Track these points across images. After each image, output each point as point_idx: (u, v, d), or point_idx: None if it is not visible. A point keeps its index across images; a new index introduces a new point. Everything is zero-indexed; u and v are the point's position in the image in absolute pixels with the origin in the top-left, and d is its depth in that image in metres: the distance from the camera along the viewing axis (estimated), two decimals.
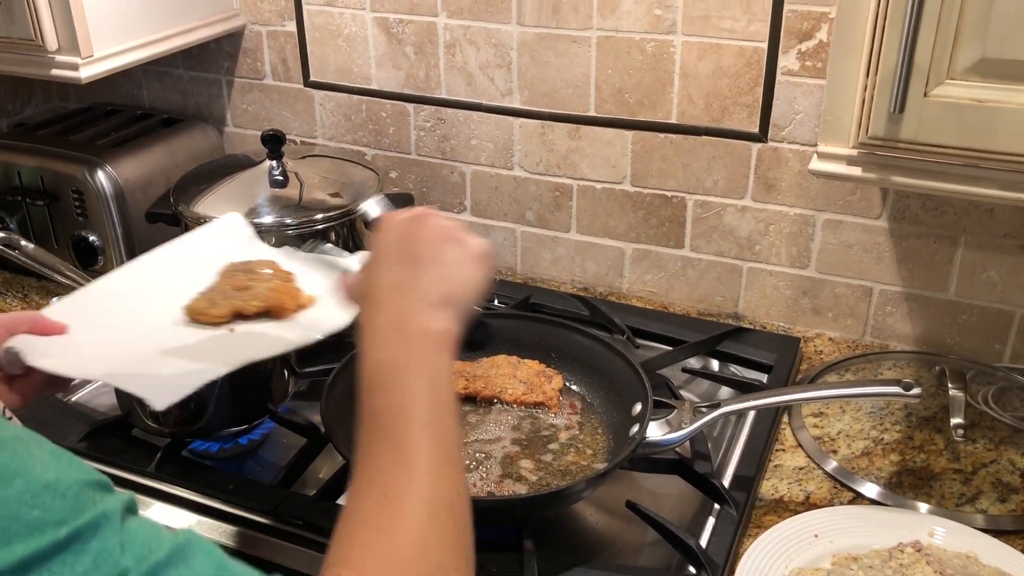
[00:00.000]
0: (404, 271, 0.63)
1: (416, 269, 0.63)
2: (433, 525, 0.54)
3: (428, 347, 0.61)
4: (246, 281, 0.94)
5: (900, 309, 1.27)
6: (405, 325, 0.61)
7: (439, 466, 0.57)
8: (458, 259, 0.65)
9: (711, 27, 1.22)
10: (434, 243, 0.65)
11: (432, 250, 0.65)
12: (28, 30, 1.21)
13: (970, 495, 1.02)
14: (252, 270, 0.97)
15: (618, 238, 1.40)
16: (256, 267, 0.98)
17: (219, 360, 0.83)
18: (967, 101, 0.85)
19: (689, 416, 1.03)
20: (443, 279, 0.63)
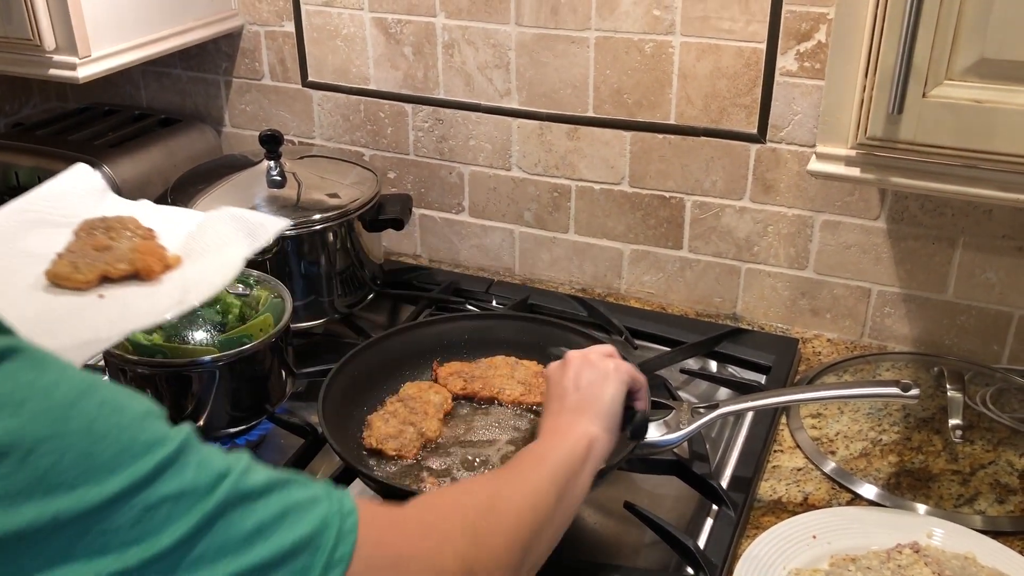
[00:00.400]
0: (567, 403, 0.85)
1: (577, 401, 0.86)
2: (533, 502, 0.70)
3: (575, 438, 0.80)
4: (106, 240, 0.91)
5: (898, 310, 1.27)
6: (564, 425, 0.83)
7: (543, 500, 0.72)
8: (604, 389, 0.86)
9: (710, 28, 1.22)
10: (590, 382, 0.87)
11: (589, 388, 0.86)
12: (26, 30, 1.21)
13: (968, 496, 1.02)
14: (111, 227, 0.94)
15: (616, 239, 1.40)
16: (114, 224, 0.95)
17: (99, 332, 0.79)
18: (966, 102, 0.85)
19: (687, 417, 1.02)
20: (593, 409, 0.84)
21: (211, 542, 0.48)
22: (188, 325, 1.07)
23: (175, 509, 0.48)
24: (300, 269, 1.28)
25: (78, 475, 0.45)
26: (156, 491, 0.48)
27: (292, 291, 1.16)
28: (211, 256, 0.93)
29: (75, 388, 0.48)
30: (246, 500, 0.51)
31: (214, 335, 1.07)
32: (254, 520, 0.50)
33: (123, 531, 0.46)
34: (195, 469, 0.50)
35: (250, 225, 0.96)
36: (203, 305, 1.08)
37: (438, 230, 1.53)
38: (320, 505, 0.54)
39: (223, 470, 0.51)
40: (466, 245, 1.52)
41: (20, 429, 0.45)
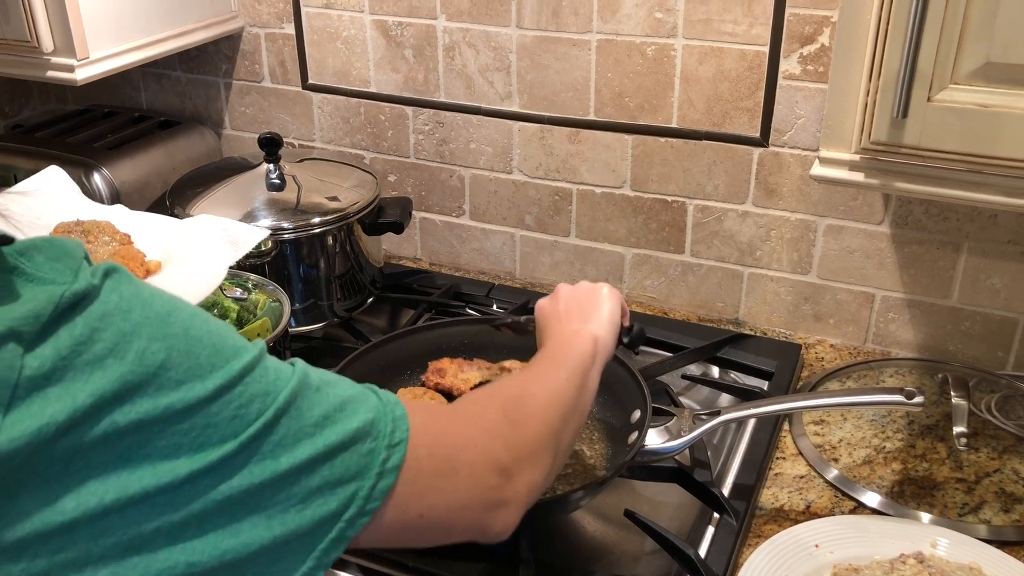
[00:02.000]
0: (570, 318, 0.91)
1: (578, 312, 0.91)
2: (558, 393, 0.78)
3: (582, 339, 0.86)
4: (84, 246, 0.91)
5: (902, 316, 1.26)
6: (569, 332, 0.88)
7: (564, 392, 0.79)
8: (601, 304, 0.92)
9: (712, 31, 1.21)
10: (588, 299, 0.93)
11: (588, 303, 0.92)
12: (23, 31, 1.20)
13: (973, 505, 1.00)
14: (88, 231, 0.93)
15: (618, 243, 1.39)
16: (91, 228, 0.94)
17: None
18: (971, 106, 0.84)
19: (689, 423, 1.01)
20: (594, 318, 0.90)
21: (288, 427, 0.55)
22: None
23: (262, 404, 0.54)
24: (299, 272, 1.28)
25: (183, 372, 0.51)
26: (247, 389, 0.54)
27: (291, 295, 1.15)
28: (194, 263, 0.92)
29: (168, 301, 0.54)
30: (310, 392, 0.57)
31: None
32: (320, 409, 0.57)
33: (223, 425, 0.52)
34: (273, 372, 0.56)
35: (231, 233, 0.95)
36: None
37: (438, 233, 1.52)
38: (370, 397, 0.61)
39: (292, 371, 0.58)
40: (467, 249, 1.51)
41: (133, 331, 0.50)
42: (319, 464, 0.55)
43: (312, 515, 0.55)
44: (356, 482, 0.57)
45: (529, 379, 0.79)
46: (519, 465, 0.68)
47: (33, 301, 0.48)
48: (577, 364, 0.82)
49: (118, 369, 0.49)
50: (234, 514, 0.52)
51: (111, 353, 0.49)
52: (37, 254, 0.51)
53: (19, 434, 0.46)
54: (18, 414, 0.46)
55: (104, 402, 0.48)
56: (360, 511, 0.57)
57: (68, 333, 0.49)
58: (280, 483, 0.54)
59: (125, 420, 0.49)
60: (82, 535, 0.48)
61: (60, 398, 0.47)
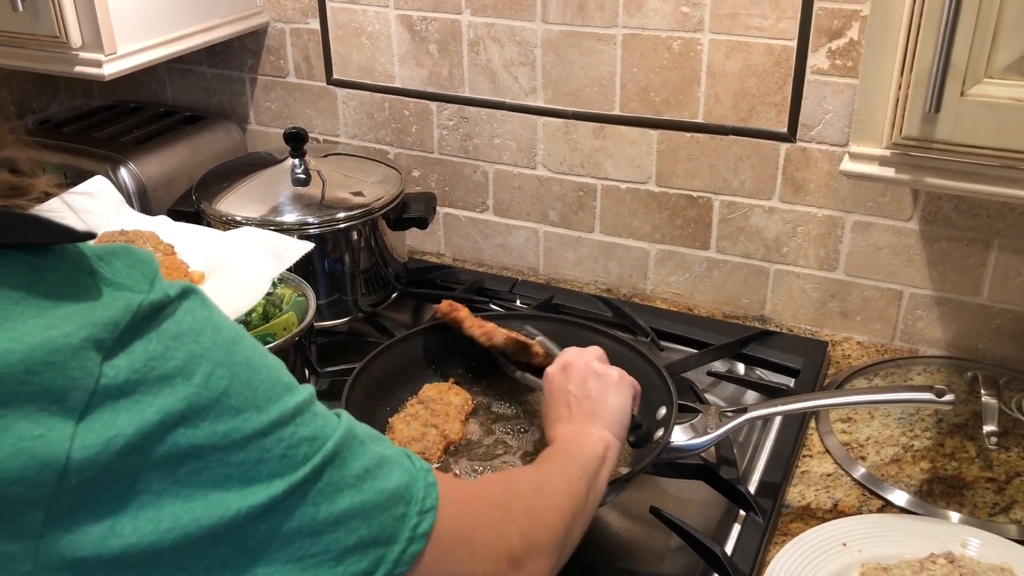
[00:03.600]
0: (580, 406, 0.91)
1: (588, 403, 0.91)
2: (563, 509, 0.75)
3: (593, 442, 0.86)
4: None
5: (931, 313, 1.25)
6: (583, 433, 0.88)
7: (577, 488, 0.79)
8: (612, 399, 0.91)
9: (739, 25, 1.20)
10: (600, 391, 0.92)
11: (599, 397, 0.91)
12: (52, 27, 1.21)
13: (1004, 505, 0.99)
14: (131, 241, 0.93)
15: (642, 239, 1.38)
16: (134, 238, 0.94)
17: None
18: (1006, 100, 0.83)
19: (715, 421, 1.01)
20: (604, 418, 0.90)
21: (332, 476, 0.54)
22: None
23: (310, 448, 0.53)
24: (324, 267, 1.28)
25: (243, 400, 0.51)
26: (298, 430, 0.53)
27: (316, 290, 1.15)
28: (237, 275, 0.92)
29: (235, 328, 0.55)
30: (355, 444, 0.57)
31: None
32: (362, 462, 0.56)
33: (272, 462, 0.52)
34: (323, 417, 0.56)
35: (275, 247, 0.95)
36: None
37: (462, 229, 1.52)
38: (404, 460, 0.60)
39: (338, 420, 0.57)
40: (490, 244, 1.51)
41: (203, 353, 0.51)
42: (356, 520, 0.55)
43: (343, 573, 0.54)
44: (388, 545, 0.56)
45: (547, 470, 0.80)
46: (529, 556, 0.68)
47: (112, 308, 0.49)
48: (588, 463, 0.82)
49: (185, 389, 0.49)
50: (273, 559, 0.52)
51: (180, 372, 0.49)
52: (115, 260, 0.52)
53: (91, 443, 0.46)
54: (91, 423, 0.46)
55: (170, 420, 0.48)
56: (388, 574, 0.56)
57: (143, 347, 0.49)
58: (318, 535, 0.53)
59: (187, 442, 0.49)
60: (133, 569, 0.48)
61: (130, 411, 0.47)
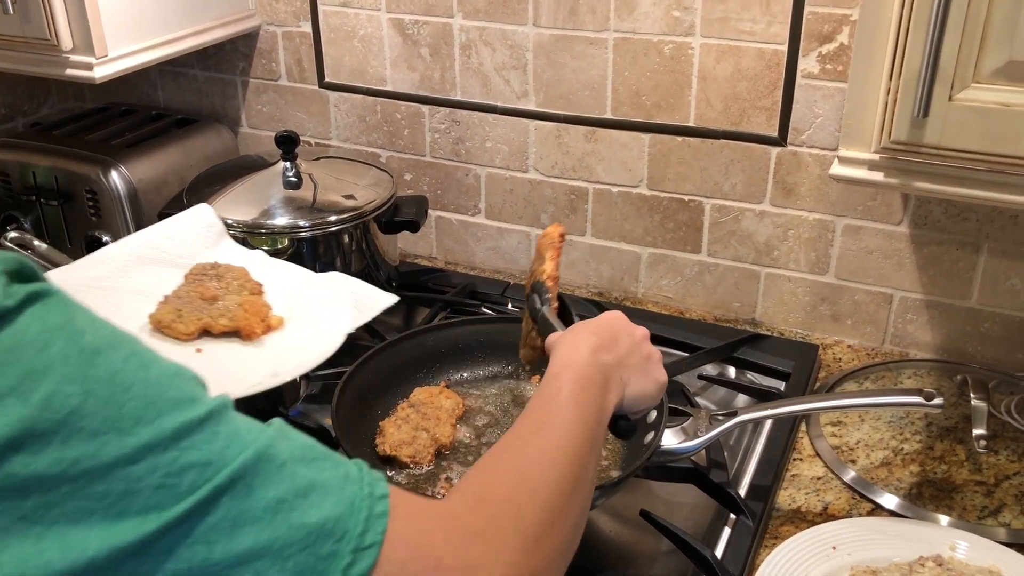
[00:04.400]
0: (598, 352, 0.76)
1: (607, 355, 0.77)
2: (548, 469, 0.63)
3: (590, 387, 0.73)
4: (215, 290, 0.91)
5: (921, 317, 1.25)
6: (588, 371, 0.74)
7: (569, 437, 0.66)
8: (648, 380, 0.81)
9: (730, 29, 1.20)
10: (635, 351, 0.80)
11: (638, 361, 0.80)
12: (43, 30, 1.21)
13: (993, 508, 1.00)
14: (221, 276, 0.94)
15: (634, 242, 1.39)
16: (225, 273, 0.95)
17: None
18: (993, 105, 0.83)
19: (705, 424, 1.01)
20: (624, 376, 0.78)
21: (229, 509, 0.46)
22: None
23: (199, 478, 0.46)
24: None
25: (100, 423, 0.44)
26: (181, 456, 0.46)
27: None
28: (313, 327, 0.91)
29: (104, 338, 0.46)
30: (270, 468, 0.48)
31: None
32: (277, 491, 0.47)
33: (145, 494, 0.44)
34: (225, 439, 0.48)
35: (358, 298, 0.95)
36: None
37: (454, 232, 1.52)
38: (349, 485, 0.51)
39: (254, 438, 0.49)
40: (482, 247, 1.51)
41: (44, 369, 0.43)
42: (264, 561, 0.46)
43: None
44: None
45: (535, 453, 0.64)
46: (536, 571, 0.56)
47: None
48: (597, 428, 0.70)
49: (19, 411, 0.42)
50: None
51: (13, 391, 0.42)
52: None
53: None
54: None
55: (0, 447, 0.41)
56: None
57: None
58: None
59: (24, 472, 0.42)
60: None
61: None
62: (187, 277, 0.94)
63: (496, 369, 1.14)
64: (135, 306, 0.89)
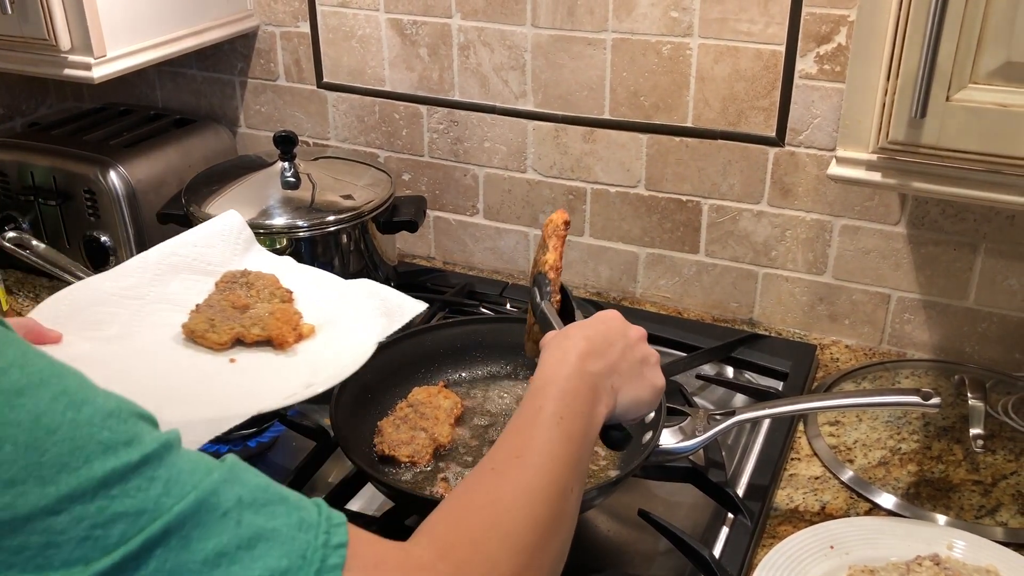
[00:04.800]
0: (587, 358, 0.72)
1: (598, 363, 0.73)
2: (525, 506, 0.58)
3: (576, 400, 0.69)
4: (245, 299, 0.92)
5: (918, 317, 1.25)
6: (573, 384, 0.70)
7: (551, 464, 0.62)
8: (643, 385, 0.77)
9: (728, 30, 1.20)
10: (628, 354, 0.76)
11: (631, 365, 0.76)
12: (41, 30, 1.21)
13: (990, 507, 1.00)
14: (251, 284, 0.94)
15: (632, 242, 1.39)
16: (255, 281, 0.95)
17: (227, 410, 0.79)
18: (990, 106, 0.83)
19: (703, 424, 1.01)
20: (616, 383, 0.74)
21: (163, 562, 0.42)
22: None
23: (130, 529, 0.42)
24: None
25: (18, 471, 0.40)
26: (110, 505, 0.42)
27: None
28: (344, 335, 0.92)
29: (30, 376, 0.43)
30: (211, 518, 0.44)
31: None
32: (216, 543, 0.44)
33: (68, 547, 0.41)
34: (163, 486, 0.44)
35: (388, 304, 0.95)
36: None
37: (452, 232, 1.52)
38: (303, 534, 0.47)
39: (197, 482, 0.45)
40: (480, 247, 1.51)
41: None
42: None
43: None
44: None
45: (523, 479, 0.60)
46: None
47: None
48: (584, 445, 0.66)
49: None
50: None
51: None
52: None
53: None
54: None
55: None
56: None
57: None
58: None
59: None
60: None
61: None
62: (217, 285, 0.94)
63: (495, 369, 1.14)
64: (167, 315, 0.90)
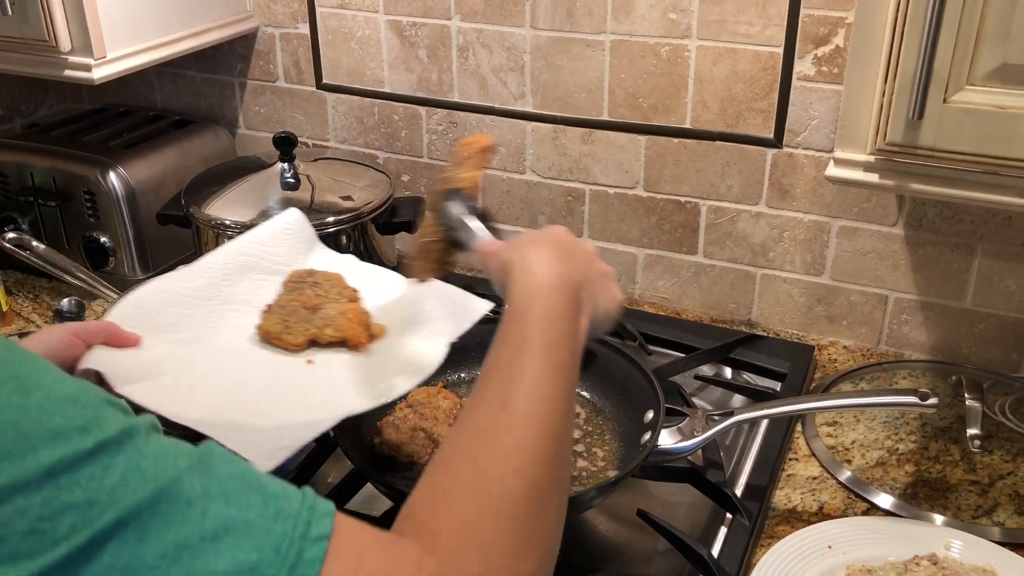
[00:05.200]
0: (562, 266, 0.68)
1: (572, 271, 0.69)
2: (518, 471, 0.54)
3: (563, 317, 0.64)
4: (314, 298, 0.91)
5: (916, 317, 1.26)
6: (559, 298, 0.66)
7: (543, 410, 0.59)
8: (610, 297, 0.73)
9: (726, 31, 1.21)
10: (592, 264, 0.73)
11: (589, 267, 0.72)
12: (42, 31, 1.21)
13: (987, 507, 1.00)
14: (319, 283, 0.94)
15: (631, 243, 1.39)
16: (322, 280, 0.95)
17: (313, 414, 0.78)
18: (987, 107, 0.84)
19: (702, 424, 1.02)
20: (590, 292, 0.70)
21: (117, 556, 0.39)
22: None
23: (79, 519, 0.39)
24: None
25: None
26: (59, 495, 0.39)
27: None
28: (416, 335, 0.91)
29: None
30: (175, 507, 0.41)
31: None
32: (177, 536, 0.41)
33: (14, 540, 0.39)
34: (120, 475, 0.41)
35: (455, 305, 0.95)
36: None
37: None
38: (280, 524, 0.43)
39: (161, 469, 0.42)
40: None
41: None
42: None
43: None
44: None
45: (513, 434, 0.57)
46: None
47: None
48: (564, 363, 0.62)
49: None
50: None
51: None
52: None
53: None
54: None
55: None
56: None
57: None
58: None
59: None
60: None
61: None
62: (285, 285, 0.94)
63: None
64: (239, 316, 0.90)
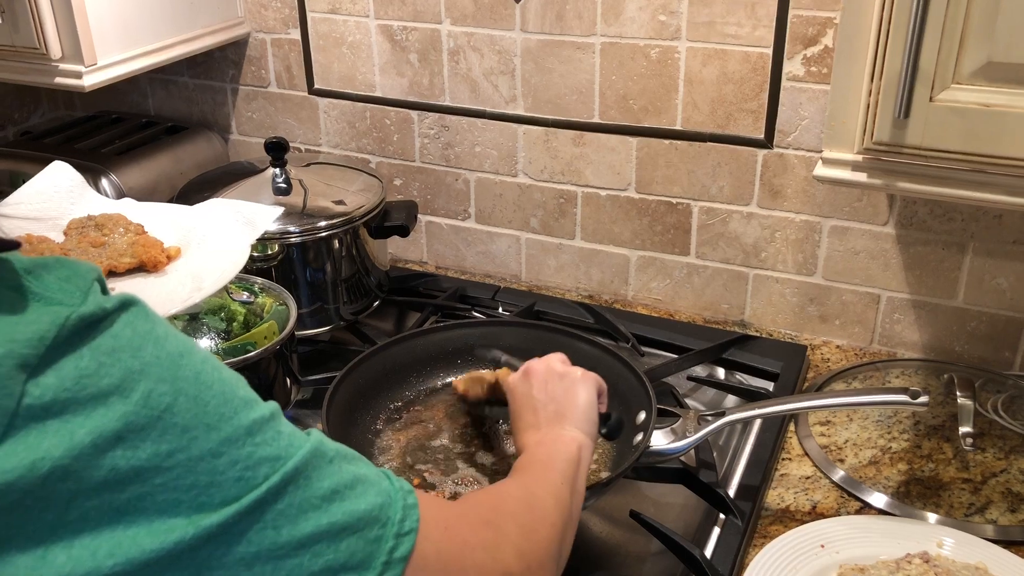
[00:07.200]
0: (547, 410, 0.88)
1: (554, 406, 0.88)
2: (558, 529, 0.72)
3: (565, 444, 0.83)
4: (100, 237, 0.92)
5: (908, 316, 1.26)
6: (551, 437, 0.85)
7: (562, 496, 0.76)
8: (578, 397, 0.88)
9: (716, 33, 1.21)
10: (564, 391, 0.89)
11: (564, 397, 0.89)
12: (32, 38, 1.21)
13: (979, 505, 1.00)
14: (101, 224, 0.94)
15: (623, 245, 1.39)
16: (104, 222, 0.95)
17: None
18: (973, 106, 0.84)
19: (694, 425, 1.02)
20: (572, 417, 0.87)
21: (295, 496, 0.51)
22: (192, 332, 1.07)
23: (270, 468, 0.51)
24: (305, 276, 1.28)
25: (190, 418, 0.49)
26: (256, 451, 0.51)
27: (297, 298, 1.16)
28: (215, 245, 0.92)
29: (182, 342, 0.52)
30: (323, 463, 0.54)
31: (218, 342, 1.07)
32: (331, 482, 0.54)
33: (227, 486, 0.49)
34: (287, 436, 0.53)
35: (245, 215, 0.96)
36: (207, 312, 1.08)
37: (444, 237, 1.53)
38: (384, 481, 0.58)
39: (306, 438, 0.55)
40: (472, 252, 1.52)
41: (142, 369, 0.48)
42: (322, 544, 0.52)
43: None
44: (360, 571, 0.53)
45: (530, 483, 0.76)
46: (529, 573, 0.65)
47: (37, 323, 0.45)
48: (567, 468, 0.79)
49: (121, 408, 0.46)
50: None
51: (116, 390, 0.46)
52: (47, 273, 0.48)
53: (12, 467, 0.43)
54: (13, 445, 0.43)
55: (104, 442, 0.45)
56: None
57: (74, 364, 0.46)
58: (279, 559, 0.50)
59: (126, 465, 0.46)
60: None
61: (58, 432, 0.44)
62: (67, 233, 0.94)
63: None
64: None
